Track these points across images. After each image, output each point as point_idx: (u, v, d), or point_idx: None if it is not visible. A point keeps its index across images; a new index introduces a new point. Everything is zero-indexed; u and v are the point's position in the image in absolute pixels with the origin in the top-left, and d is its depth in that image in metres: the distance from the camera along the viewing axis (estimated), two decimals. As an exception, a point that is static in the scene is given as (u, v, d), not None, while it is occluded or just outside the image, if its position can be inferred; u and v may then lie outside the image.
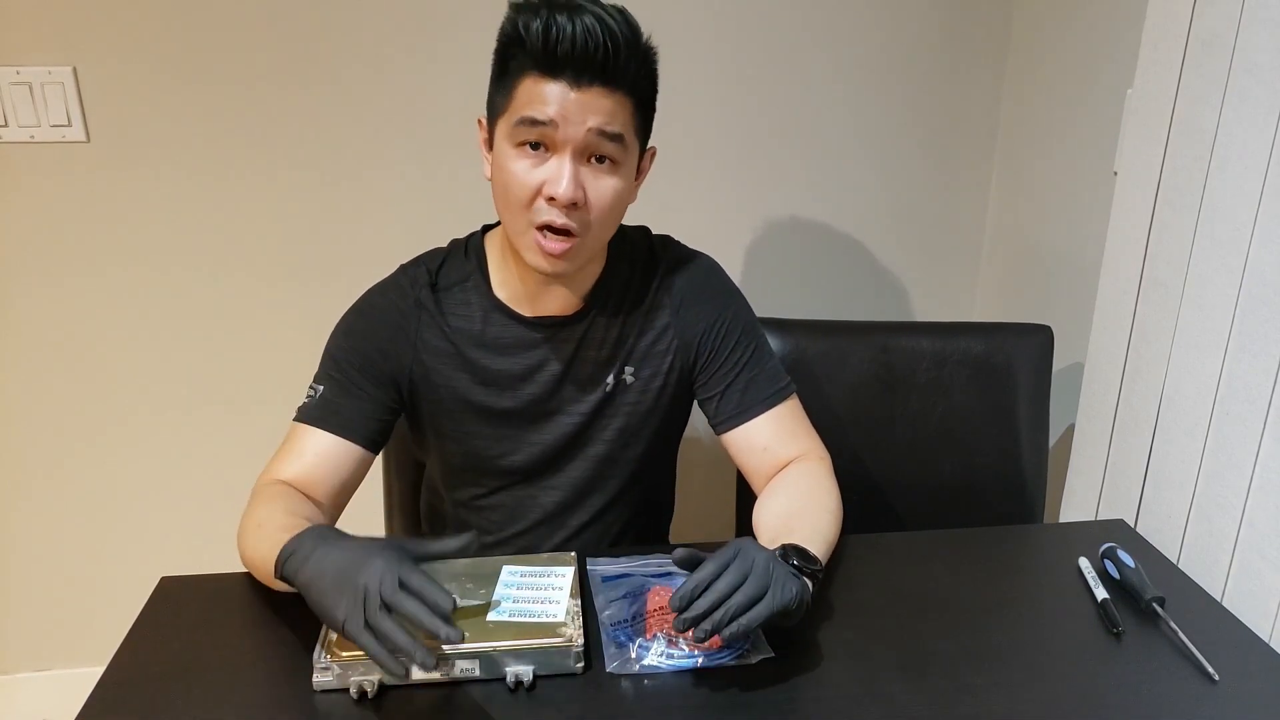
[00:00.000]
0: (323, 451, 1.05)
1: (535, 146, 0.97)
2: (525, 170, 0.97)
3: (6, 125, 1.52)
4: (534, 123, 0.95)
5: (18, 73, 1.49)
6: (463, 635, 0.81)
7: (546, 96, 0.94)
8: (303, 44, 1.55)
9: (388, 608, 0.79)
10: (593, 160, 0.98)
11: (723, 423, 1.14)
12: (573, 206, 0.97)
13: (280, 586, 0.91)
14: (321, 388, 1.08)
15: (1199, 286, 1.14)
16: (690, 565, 0.89)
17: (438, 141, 1.62)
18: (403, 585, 0.80)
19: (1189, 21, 1.14)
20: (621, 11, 0.96)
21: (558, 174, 0.96)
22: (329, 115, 1.59)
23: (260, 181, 1.61)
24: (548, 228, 0.98)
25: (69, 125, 1.53)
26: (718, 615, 0.83)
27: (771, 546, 0.95)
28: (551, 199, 0.97)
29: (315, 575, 0.84)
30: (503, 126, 0.99)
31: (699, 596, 0.85)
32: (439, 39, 1.57)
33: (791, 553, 0.93)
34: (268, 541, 0.92)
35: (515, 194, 0.98)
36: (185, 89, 1.55)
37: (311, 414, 1.07)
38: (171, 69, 1.53)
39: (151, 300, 1.65)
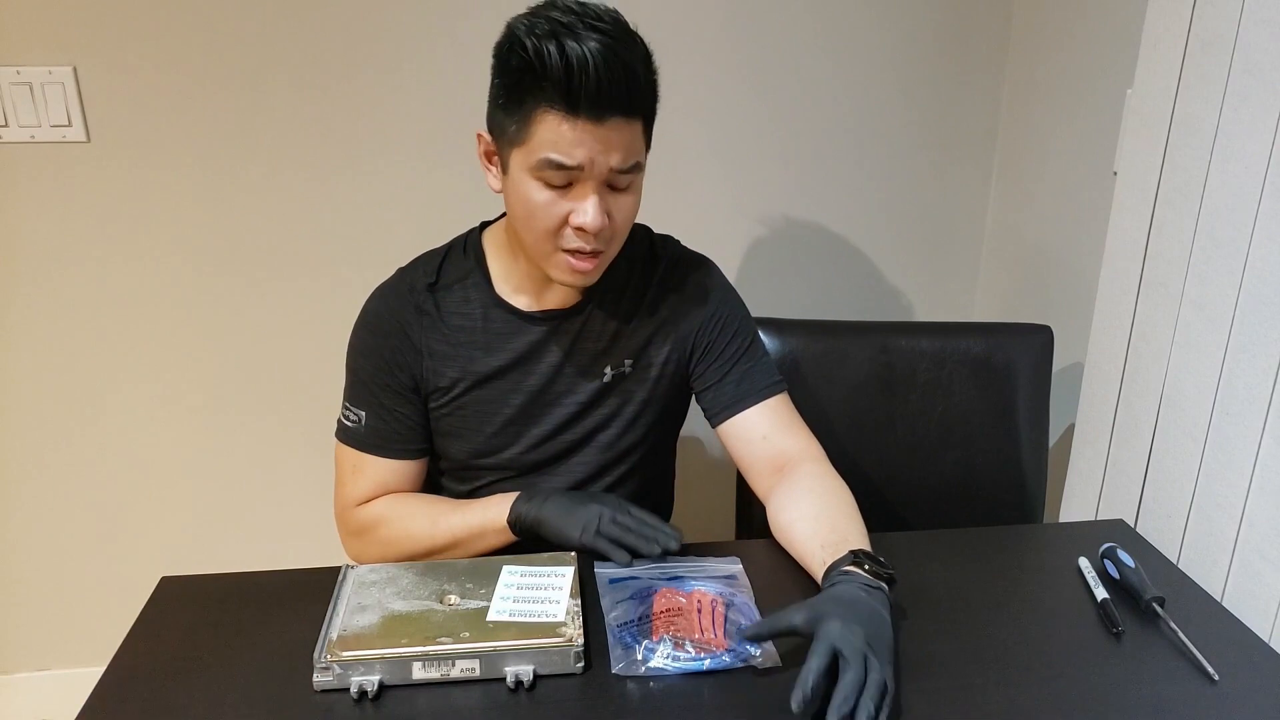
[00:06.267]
0: (393, 476, 1.14)
1: (559, 179, 0.97)
2: (550, 201, 0.98)
3: (6, 125, 1.52)
4: (561, 167, 0.95)
5: (18, 73, 1.49)
6: (681, 535, 1.03)
7: (571, 138, 0.93)
8: (303, 44, 1.55)
9: (614, 525, 1.02)
10: (614, 185, 0.99)
11: (719, 412, 1.16)
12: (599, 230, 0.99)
13: (489, 544, 1.08)
14: (363, 414, 1.13)
15: (1199, 286, 1.14)
16: (761, 639, 0.89)
17: (438, 140, 1.62)
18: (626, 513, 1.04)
19: (1189, 21, 1.14)
20: (627, 32, 0.95)
21: (585, 206, 0.97)
22: (329, 114, 1.59)
23: (260, 181, 1.61)
24: (577, 252, 1.00)
25: (69, 125, 1.53)
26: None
27: (823, 552, 0.97)
28: (579, 229, 0.98)
29: (551, 509, 1.05)
30: (520, 157, 0.98)
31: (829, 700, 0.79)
32: (439, 39, 1.57)
33: (864, 558, 0.93)
34: (466, 513, 1.08)
35: (541, 224, 0.99)
36: (185, 89, 1.55)
37: (366, 441, 1.13)
38: (171, 69, 1.53)
39: (152, 300, 1.65)
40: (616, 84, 0.92)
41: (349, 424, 1.14)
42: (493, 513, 1.07)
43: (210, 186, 1.60)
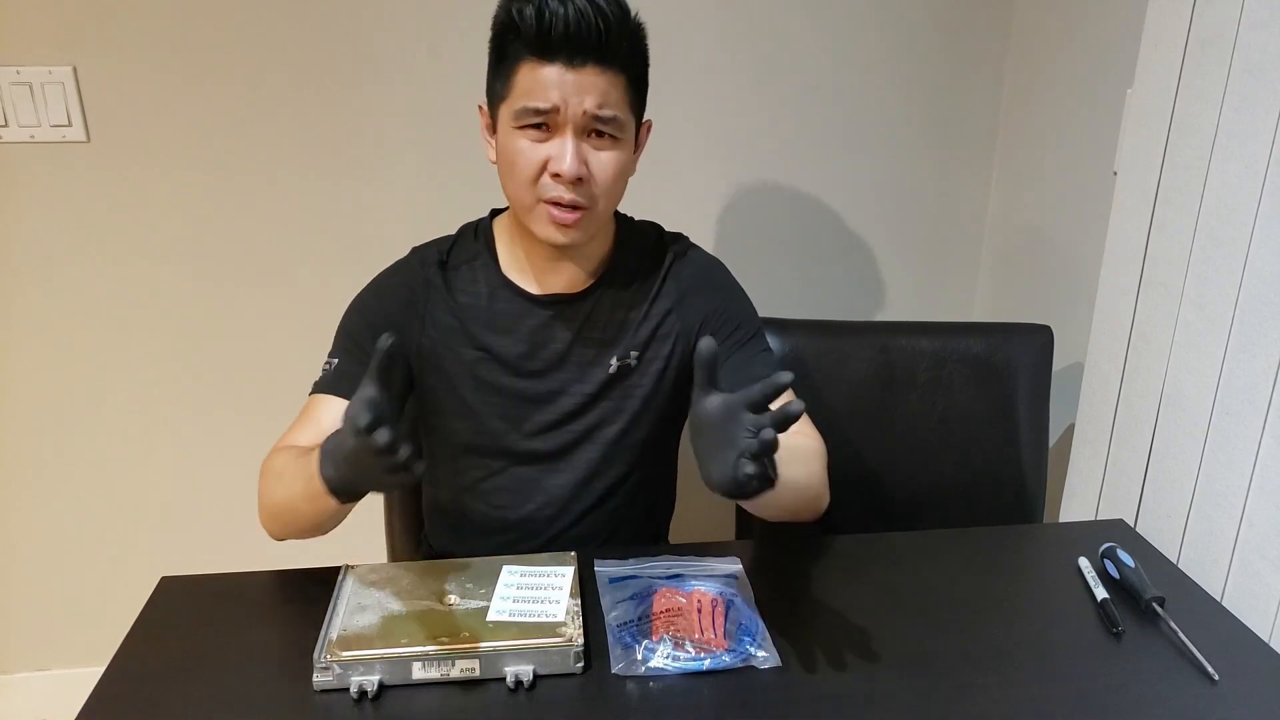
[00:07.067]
0: (335, 418, 1.00)
1: (538, 126, 1.00)
2: (529, 148, 1.01)
3: (6, 125, 1.52)
4: (537, 111, 0.99)
5: (18, 73, 1.49)
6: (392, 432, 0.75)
7: (545, 81, 0.98)
8: (303, 42, 1.55)
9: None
10: (592, 135, 1.02)
11: None
12: (578, 181, 1.01)
13: (321, 506, 0.91)
14: (336, 360, 1.11)
15: (1199, 286, 1.14)
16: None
17: (439, 138, 1.62)
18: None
19: (1189, 21, 1.14)
20: None
21: (561, 151, 1.00)
22: (329, 113, 1.59)
23: (261, 180, 1.61)
24: (556, 203, 1.02)
25: (69, 125, 1.53)
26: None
27: None
28: (556, 175, 1.00)
29: (339, 467, 0.86)
30: (505, 112, 1.02)
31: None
32: (439, 35, 1.57)
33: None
34: (293, 474, 0.95)
35: (521, 171, 1.02)
36: (185, 89, 1.55)
37: (326, 384, 1.10)
38: (171, 69, 1.53)
39: (152, 300, 1.65)
40: (589, 29, 0.96)
41: (321, 374, 1.11)
42: (313, 465, 0.90)
43: (210, 186, 1.60)
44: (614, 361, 1.14)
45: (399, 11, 1.56)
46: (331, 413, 1.07)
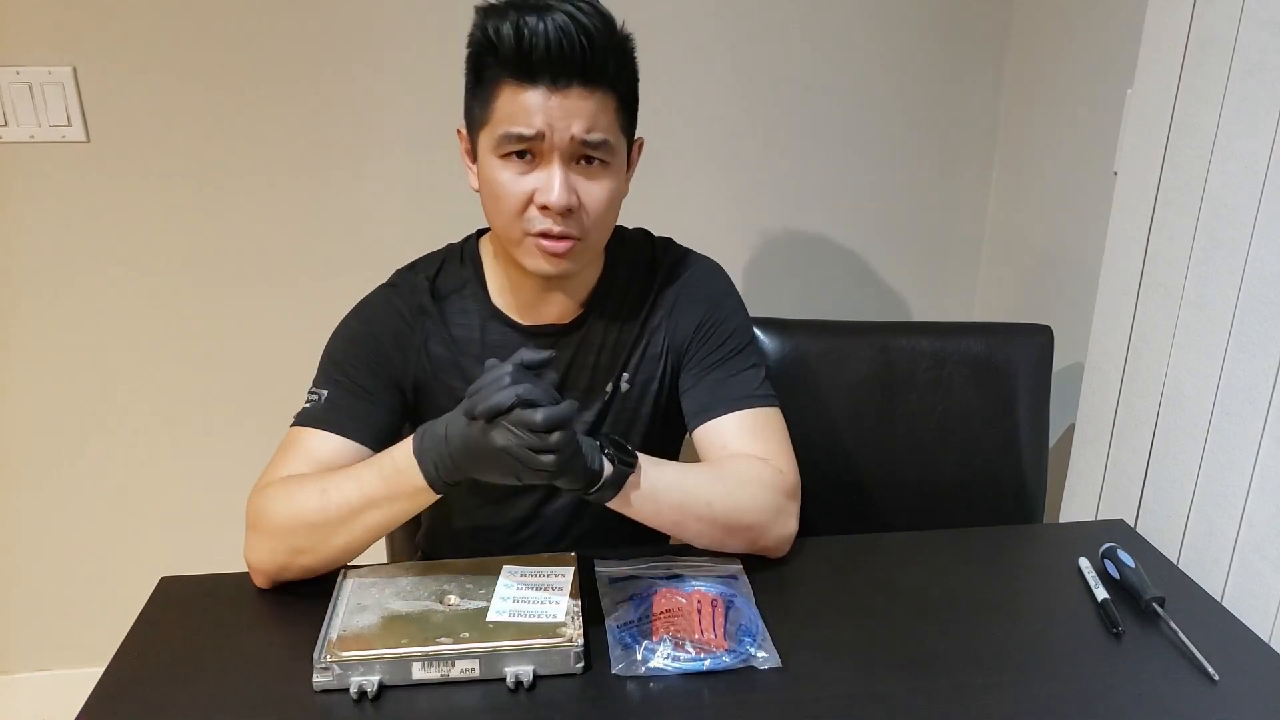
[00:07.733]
0: (331, 455, 1.01)
1: (521, 155, 0.95)
2: (513, 179, 0.96)
3: (6, 125, 1.52)
4: (520, 138, 0.93)
5: (18, 73, 1.49)
6: (575, 405, 0.87)
7: (528, 106, 0.92)
8: (302, 45, 1.55)
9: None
10: (581, 162, 0.97)
11: (693, 417, 1.10)
12: (567, 212, 0.96)
13: (408, 504, 0.93)
14: (325, 392, 1.04)
15: (1199, 286, 1.14)
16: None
17: (438, 143, 1.62)
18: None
19: (1189, 22, 1.14)
20: (593, 7, 0.93)
21: (548, 183, 0.94)
22: (329, 116, 1.59)
23: (260, 182, 1.61)
24: (545, 235, 0.97)
25: (69, 125, 1.53)
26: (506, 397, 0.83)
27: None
28: (544, 208, 0.95)
29: (467, 462, 0.88)
30: (485, 139, 0.97)
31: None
32: (438, 40, 1.57)
33: (608, 443, 0.93)
34: (351, 482, 0.94)
35: (506, 204, 0.96)
36: (185, 89, 1.55)
37: (316, 417, 1.03)
38: (171, 69, 1.53)
39: (151, 301, 1.65)
40: (572, 49, 0.90)
41: (306, 405, 1.04)
42: (402, 465, 0.91)
43: (210, 187, 1.60)
44: (609, 387, 1.12)
45: (401, 12, 1.56)
46: (329, 448, 1.01)
